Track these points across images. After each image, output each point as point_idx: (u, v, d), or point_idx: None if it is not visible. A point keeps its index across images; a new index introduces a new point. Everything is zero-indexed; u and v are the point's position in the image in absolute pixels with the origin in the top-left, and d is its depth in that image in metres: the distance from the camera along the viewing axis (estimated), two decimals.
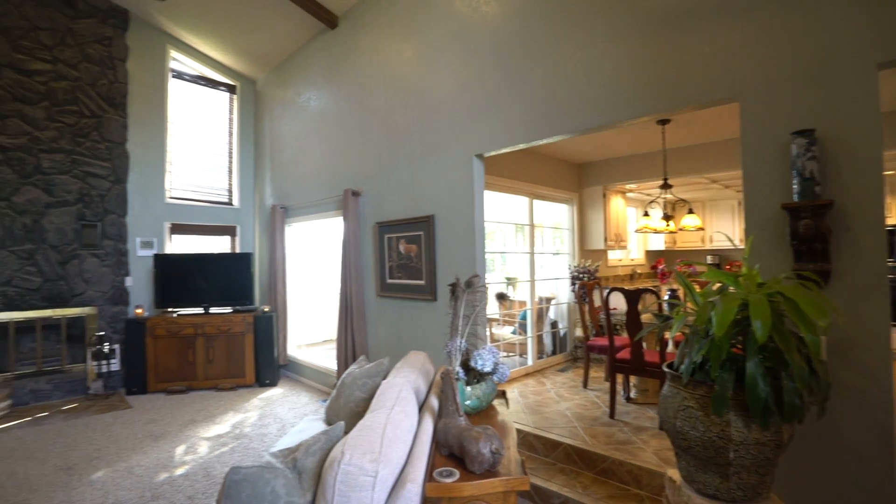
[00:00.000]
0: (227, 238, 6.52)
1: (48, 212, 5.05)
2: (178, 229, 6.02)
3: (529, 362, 5.07)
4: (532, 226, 5.22)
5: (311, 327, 6.84)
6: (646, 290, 3.50)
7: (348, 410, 2.74)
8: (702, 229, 5.24)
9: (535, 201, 5.31)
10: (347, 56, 4.89)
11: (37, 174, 5.00)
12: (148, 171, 5.76)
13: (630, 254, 7.93)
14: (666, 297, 4.05)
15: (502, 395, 2.62)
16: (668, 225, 5.14)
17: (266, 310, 5.51)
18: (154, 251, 5.72)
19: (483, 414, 2.26)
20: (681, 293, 4.75)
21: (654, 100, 2.58)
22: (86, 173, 5.28)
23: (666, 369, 1.71)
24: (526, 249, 5.25)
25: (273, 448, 2.62)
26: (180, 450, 3.66)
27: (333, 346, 7.13)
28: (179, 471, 3.30)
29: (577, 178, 6.29)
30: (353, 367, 2.94)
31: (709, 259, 8.05)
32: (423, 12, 3.98)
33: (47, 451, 3.63)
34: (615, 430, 3.32)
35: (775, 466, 1.50)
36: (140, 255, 5.65)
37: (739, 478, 1.45)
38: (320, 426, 2.89)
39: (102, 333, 5.08)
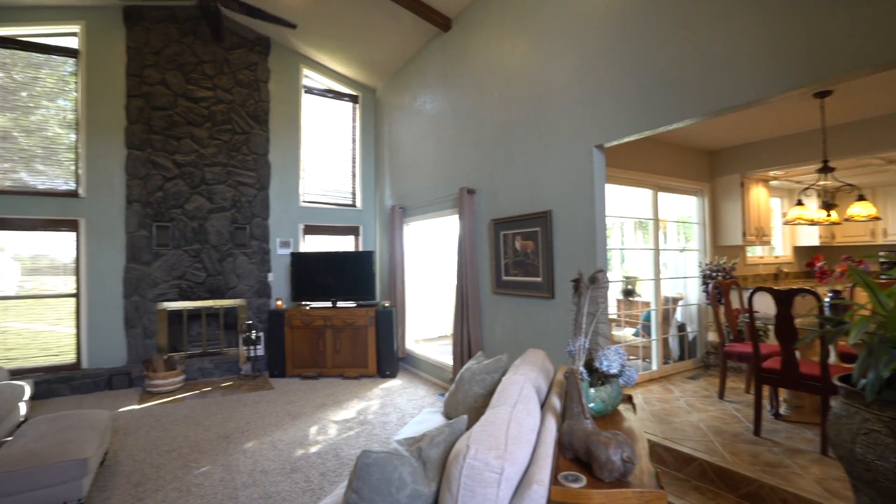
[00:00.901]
0: (351, 238, 7.07)
1: (210, 217, 5.94)
2: (309, 230, 6.69)
3: (654, 367, 4.69)
4: (657, 220, 4.81)
5: (426, 323, 7.11)
6: (801, 291, 3.01)
7: (467, 405, 2.77)
8: (877, 219, 4.36)
9: (660, 193, 4.88)
10: (461, 56, 4.98)
11: (202, 185, 5.90)
12: (285, 179, 6.48)
13: (774, 250, 6.93)
14: (827, 300, 3.44)
15: (628, 399, 2.44)
16: (828, 215, 4.37)
17: (386, 305, 5.84)
18: (290, 250, 6.42)
19: (608, 419, 2.13)
20: (847, 294, 4.01)
21: (815, 67, 2.20)
22: (237, 182, 6.10)
23: (839, 383, 1.44)
24: (648, 246, 4.86)
25: (396, 436, 2.76)
26: (313, 430, 4.03)
27: (448, 342, 7.33)
28: (313, 449, 3.64)
29: (708, 167, 5.66)
30: (471, 363, 2.97)
31: (882, 256, 6.70)
32: (535, 4, 3.89)
33: (210, 420, 4.25)
34: (762, 449, 2.92)
35: None
36: (279, 254, 6.39)
37: None
38: (439, 418, 2.97)
39: (251, 322, 5.82)
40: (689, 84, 2.74)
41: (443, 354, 5.67)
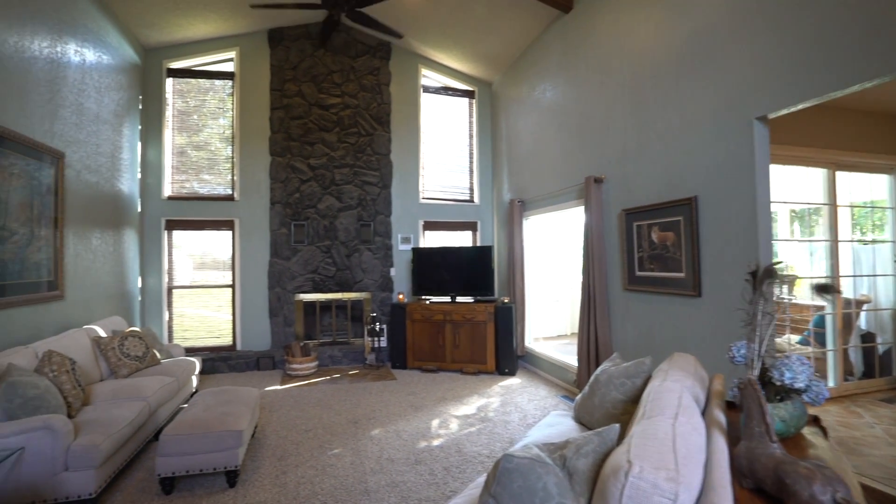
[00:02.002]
0: (469, 233, 7.07)
1: (339, 215, 6.36)
2: (429, 226, 6.83)
3: (831, 383, 3.88)
4: (834, 206, 3.97)
5: (545, 321, 6.83)
6: None
7: (604, 411, 2.52)
8: None
9: (838, 173, 4.03)
10: (584, 38, 4.64)
11: (332, 186, 6.34)
12: (406, 177, 6.69)
13: None
14: None
15: (814, 421, 2.00)
16: None
17: (505, 301, 5.71)
18: (411, 246, 6.61)
19: (789, 444, 1.74)
20: None
21: None
22: (363, 182, 6.45)
23: None
24: (819, 236, 4.04)
25: (525, 438, 2.60)
26: (435, 423, 4.05)
27: (566, 341, 6.97)
28: (436, 442, 3.63)
29: None
30: (606, 365, 2.71)
31: None
32: None
33: (340, 405, 4.51)
34: None
35: None
36: (401, 250, 6.64)
37: None
38: (570, 423, 2.75)
39: (375, 315, 6.10)
40: None
41: (564, 354, 5.36)
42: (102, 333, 4.12)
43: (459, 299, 6.06)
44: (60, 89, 3.97)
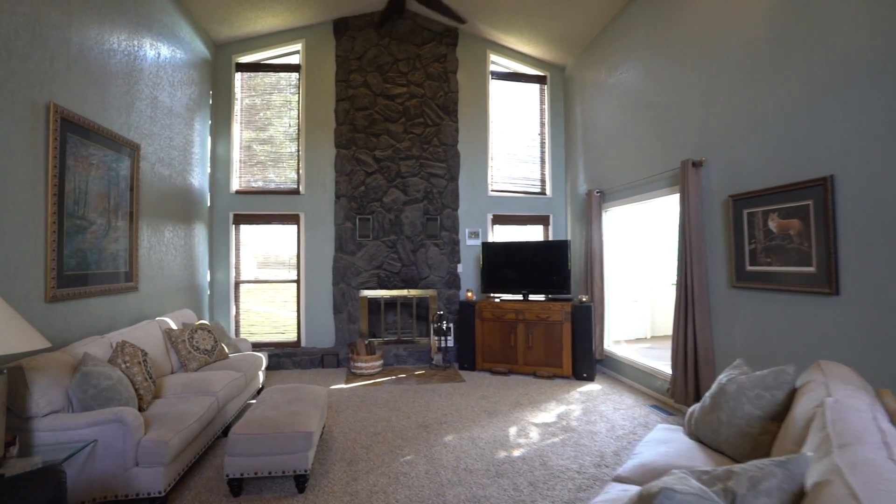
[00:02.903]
0: (540, 227, 6.63)
1: (404, 208, 6.14)
2: (498, 220, 6.46)
3: None
4: None
5: (624, 322, 6.26)
6: None
7: (735, 429, 2.06)
8: None
9: None
10: (677, 8, 4.12)
11: (397, 178, 6.14)
12: (474, 168, 6.37)
13: None
14: None
15: None
16: None
17: (583, 300, 5.23)
18: (479, 241, 6.28)
19: None
20: None
21: None
22: (429, 174, 6.19)
23: None
24: None
25: (636, 457, 2.17)
26: (512, 431, 3.69)
27: (646, 345, 6.38)
28: (516, 453, 3.27)
29: None
30: (732, 373, 2.24)
31: None
32: None
33: (409, 408, 4.24)
34: None
35: None
36: (468, 245, 6.31)
37: None
38: (684, 439, 2.31)
39: (441, 313, 5.82)
40: None
41: (647, 359, 4.81)
42: (173, 325, 4.10)
43: (532, 297, 5.64)
44: (137, 82, 3.99)
